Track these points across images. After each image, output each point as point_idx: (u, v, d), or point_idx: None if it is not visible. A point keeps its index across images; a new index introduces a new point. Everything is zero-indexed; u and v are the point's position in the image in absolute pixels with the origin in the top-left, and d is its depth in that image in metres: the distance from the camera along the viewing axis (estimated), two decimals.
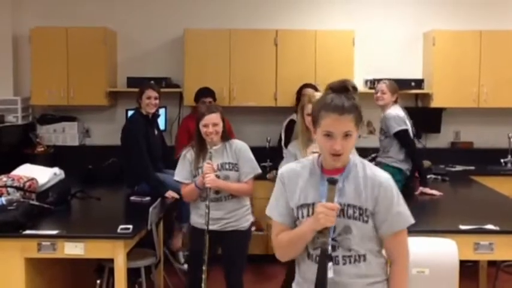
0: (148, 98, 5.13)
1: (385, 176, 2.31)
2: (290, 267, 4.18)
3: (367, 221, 2.23)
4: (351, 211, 2.23)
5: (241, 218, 4.02)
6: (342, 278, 2.23)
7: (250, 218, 4.12)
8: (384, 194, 2.25)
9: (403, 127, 4.98)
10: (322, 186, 2.22)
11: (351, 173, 2.27)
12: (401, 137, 5.00)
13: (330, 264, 2.18)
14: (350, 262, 2.24)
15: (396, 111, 5.06)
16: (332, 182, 2.16)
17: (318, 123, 2.23)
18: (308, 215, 2.25)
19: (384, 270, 2.34)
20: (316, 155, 2.35)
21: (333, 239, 2.21)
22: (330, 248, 2.17)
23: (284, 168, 2.39)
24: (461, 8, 6.72)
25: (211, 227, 3.87)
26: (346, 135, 2.18)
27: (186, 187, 4.01)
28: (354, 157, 2.32)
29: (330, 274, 2.17)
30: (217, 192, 3.91)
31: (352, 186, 2.25)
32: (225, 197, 3.95)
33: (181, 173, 4.04)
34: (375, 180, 2.26)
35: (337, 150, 2.17)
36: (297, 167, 2.37)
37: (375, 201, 2.24)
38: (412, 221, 2.31)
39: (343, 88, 2.23)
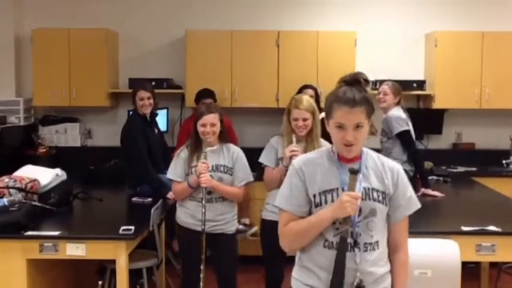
0: (141, 99, 5.11)
1: (396, 163, 2.46)
2: (269, 270, 4.19)
3: (387, 205, 2.35)
4: (375, 194, 2.32)
5: (229, 222, 4.04)
6: (363, 265, 2.28)
7: (236, 224, 4.15)
8: (401, 179, 2.39)
9: (405, 128, 4.99)
10: (343, 174, 2.30)
11: (368, 160, 2.38)
12: (403, 138, 4.99)
13: (357, 250, 2.27)
14: (370, 249, 2.31)
15: (398, 113, 5.05)
16: (353, 172, 2.24)
17: (330, 116, 2.31)
18: (332, 200, 2.29)
19: (388, 262, 2.41)
20: (329, 145, 2.43)
21: (356, 224, 2.27)
22: (351, 235, 2.26)
23: (300, 159, 2.44)
24: (463, 9, 6.72)
25: (200, 228, 3.87)
26: (358, 126, 2.27)
27: (178, 185, 4.01)
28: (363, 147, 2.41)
29: (357, 259, 2.26)
30: (209, 192, 3.91)
31: (372, 171, 2.36)
32: (216, 199, 3.95)
33: (174, 171, 4.05)
34: (391, 167, 2.41)
35: (349, 141, 2.26)
36: (313, 157, 2.42)
37: (394, 186, 2.37)
38: (419, 205, 2.45)
39: (355, 81, 2.31)
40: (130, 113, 5.77)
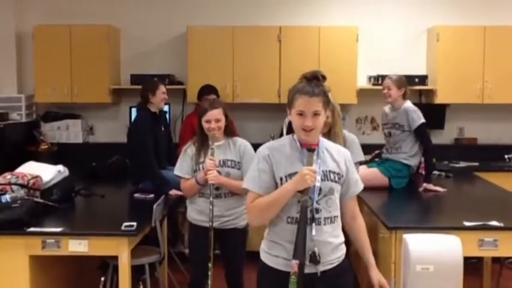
0: (164, 93, 5.15)
1: (345, 149, 2.87)
2: None
3: (342, 185, 2.74)
4: (332, 176, 2.70)
5: (240, 216, 4.00)
6: (322, 236, 2.63)
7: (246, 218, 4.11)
8: (350, 164, 2.79)
9: (423, 120, 4.96)
10: (304, 158, 2.65)
11: (324, 146, 2.74)
12: (422, 130, 4.96)
13: (313, 224, 2.60)
14: (328, 223, 2.67)
15: (413, 105, 5.03)
16: (310, 150, 2.62)
17: (292, 105, 2.66)
18: None
19: (342, 233, 2.78)
20: (290, 135, 2.77)
21: (317, 202, 2.62)
22: (311, 205, 2.60)
23: (265, 146, 2.77)
24: (465, 3, 6.71)
25: (209, 224, 3.87)
26: (315, 114, 2.61)
27: (186, 182, 4.00)
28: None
29: (313, 232, 2.59)
30: (217, 188, 3.89)
31: (328, 156, 2.73)
32: (225, 194, 3.94)
33: (181, 167, 4.03)
34: (343, 152, 2.81)
35: (308, 126, 2.61)
36: (276, 144, 2.78)
37: (346, 169, 2.76)
38: (362, 186, 2.87)
39: (314, 77, 2.69)
40: (133, 109, 5.77)
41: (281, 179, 2.65)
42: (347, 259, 2.80)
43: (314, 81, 2.67)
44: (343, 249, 2.77)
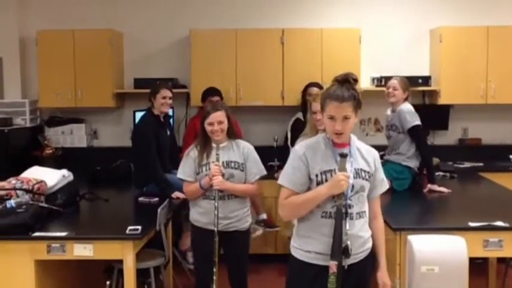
0: (164, 97, 5.13)
1: (373, 149, 3.00)
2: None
3: (370, 183, 2.89)
4: (363, 174, 2.85)
5: (242, 218, 4.02)
6: (354, 230, 2.79)
7: (250, 220, 4.12)
8: (378, 163, 2.96)
9: (418, 122, 4.95)
10: (337, 157, 2.78)
11: (355, 145, 2.88)
12: (415, 132, 4.96)
13: (347, 219, 2.74)
14: (359, 218, 2.82)
15: (410, 107, 5.04)
16: (343, 156, 2.75)
17: (324, 109, 2.79)
18: (332, 177, 2.75)
19: (369, 228, 2.94)
20: (323, 133, 2.89)
21: (349, 198, 2.77)
22: (346, 206, 2.75)
23: (300, 145, 2.91)
24: (467, 4, 6.70)
25: (214, 227, 3.86)
26: (346, 118, 2.74)
27: (190, 185, 4.00)
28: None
29: (347, 226, 2.73)
30: (220, 190, 3.90)
31: (359, 154, 2.88)
32: (228, 196, 3.93)
33: (184, 170, 4.03)
34: (371, 152, 2.96)
35: (338, 130, 2.74)
36: (312, 142, 2.90)
37: (374, 168, 2.92)
38: (388, 186, 3.07)
39: (345, 80, 2.78)
40: (136, 113, 5.78)
41: (316, 175, 2.79)
42: (372, 252, 2.95)
43: (345, 84, 2.76)
44: (370, 242, 2.92)
